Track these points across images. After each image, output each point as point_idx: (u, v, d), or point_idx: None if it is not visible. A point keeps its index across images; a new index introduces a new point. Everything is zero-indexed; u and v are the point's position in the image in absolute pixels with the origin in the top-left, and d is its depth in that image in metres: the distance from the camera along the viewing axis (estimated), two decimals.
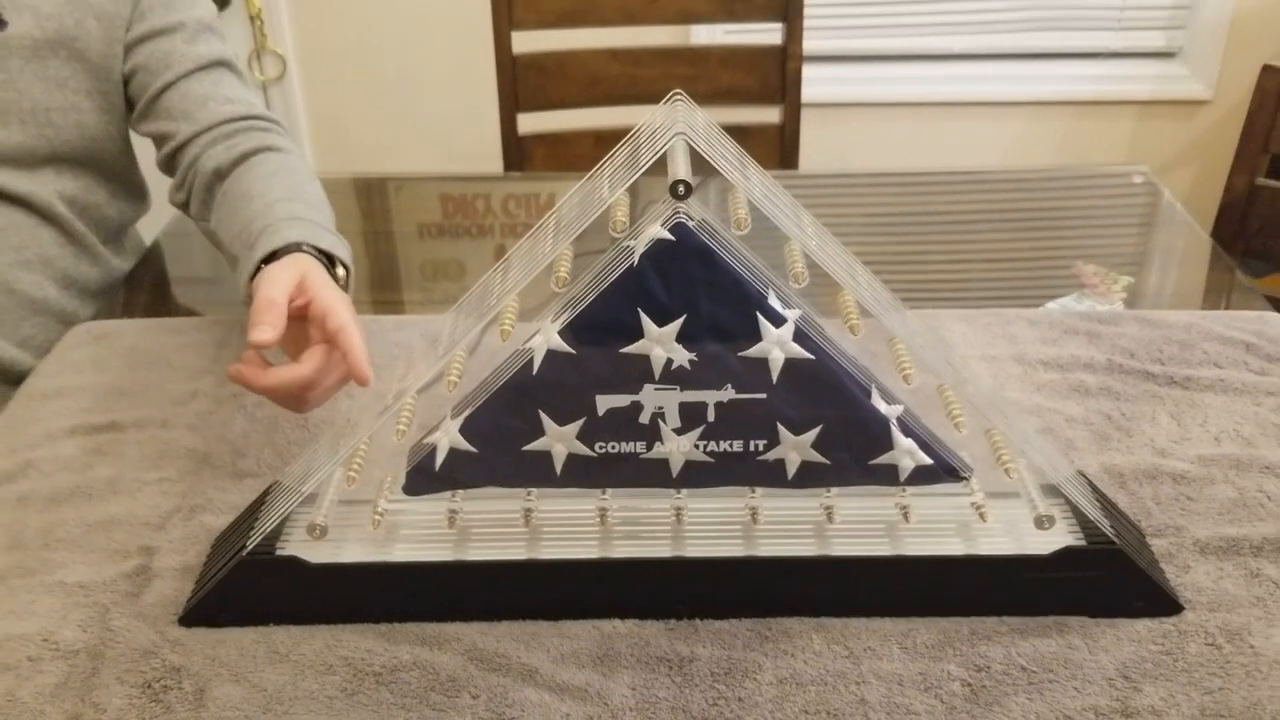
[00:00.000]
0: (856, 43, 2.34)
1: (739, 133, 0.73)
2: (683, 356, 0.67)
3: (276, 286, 0.81)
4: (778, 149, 1.73)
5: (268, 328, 0.78)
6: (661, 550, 0.74)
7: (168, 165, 1.12)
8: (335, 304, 0.82)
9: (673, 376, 0.68)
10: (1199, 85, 2.30)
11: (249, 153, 1.05)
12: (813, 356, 0.68)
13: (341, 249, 0.95)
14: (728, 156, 0.67)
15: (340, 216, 1.02)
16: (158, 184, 1.21)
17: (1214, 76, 2.29)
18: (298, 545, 0.74)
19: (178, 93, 1.09)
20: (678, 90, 0.69)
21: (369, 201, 1.45)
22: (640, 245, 0.65)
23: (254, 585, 0.73)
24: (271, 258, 0.89)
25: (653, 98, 0.71)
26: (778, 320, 0.67)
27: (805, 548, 0.74)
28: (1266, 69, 1.30)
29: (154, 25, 1.09)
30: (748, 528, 0.75)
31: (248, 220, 0.95)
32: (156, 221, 1.29)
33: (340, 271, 0.93)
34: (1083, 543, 0.74)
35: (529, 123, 1.72)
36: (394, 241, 1.35)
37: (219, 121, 1.08)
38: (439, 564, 0.74)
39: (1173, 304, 1.16)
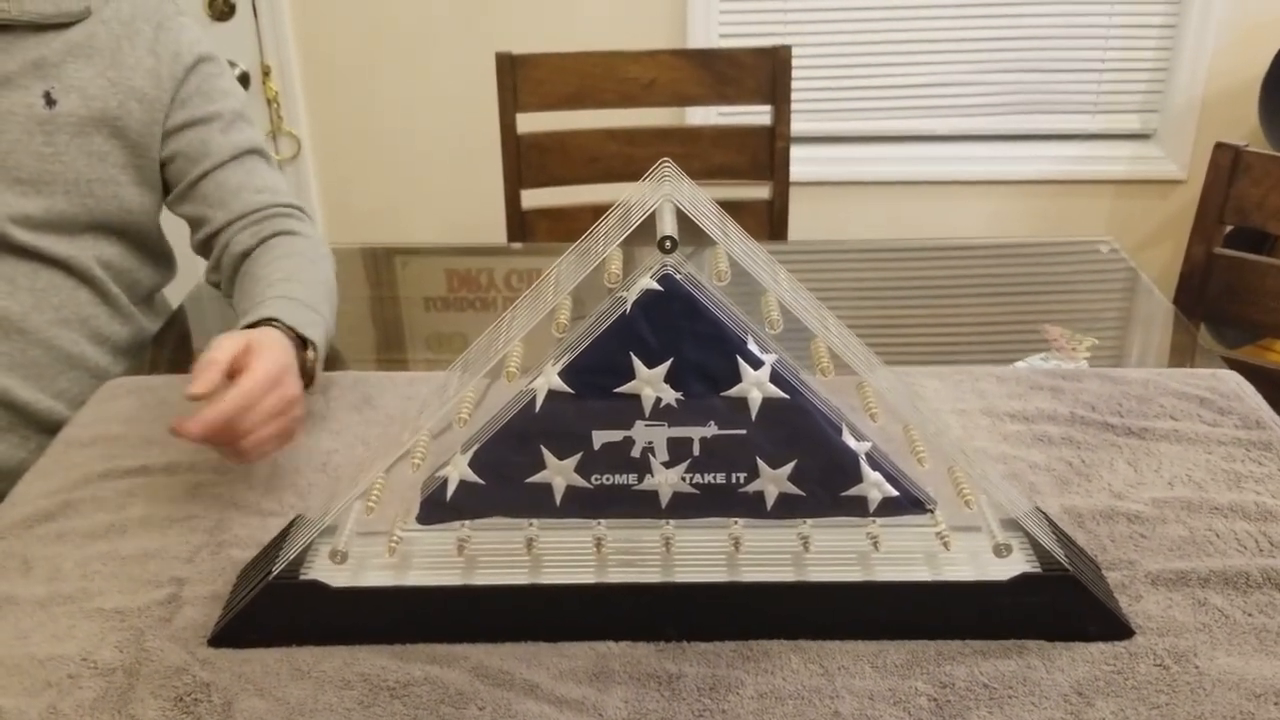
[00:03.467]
0: (842, 125, 2.42)
1: (731, 207, 0.78)
2: (670, 395, 0.75)
3: (220, 349, 0.92)
4: (767, 223, 1.81)
5: (200, 383, 0.89)
6: (652, 576, 0.81)
7: (203, 248, 1.24)
8: (257, 364, 0.92)
9: (661, 414, 0.75)
10: (1173, 166, 2.38)
11: (268, 237, 1.18)
12: (788, 396, 0.75)
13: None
14: (710, 217, 0.75)
15: (349, 284, 1.10)
16: (182, 252, 1.30)
17: (1187, 157, 2.37)
18: (320, 571, 0.80)
19: (213, 181, 1.20)
20: (665, 159, 0.77)
21: (377, 271, 1.53)
22: (632, 295, 0.73)
23: (279, 607, 0.79)
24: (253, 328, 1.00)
25: None
26: (756, 363, 0.74)
27: (784, 574, 0.81)
28: (1219, 145, 1.39)
29: (193, 114, 1.20)
30: (731, 556, 0.82)
31: (251, 298, 1.08)
32: (182, 287, 1.37)
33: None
34: (1038, 570, 0.80)
35: (532, 198, 1.81)
36: (400, 308, 1.42)
37: (249, 210, 1.20)
38: (449, 588, 0.80)
39: (1136, 365, 1.22)
